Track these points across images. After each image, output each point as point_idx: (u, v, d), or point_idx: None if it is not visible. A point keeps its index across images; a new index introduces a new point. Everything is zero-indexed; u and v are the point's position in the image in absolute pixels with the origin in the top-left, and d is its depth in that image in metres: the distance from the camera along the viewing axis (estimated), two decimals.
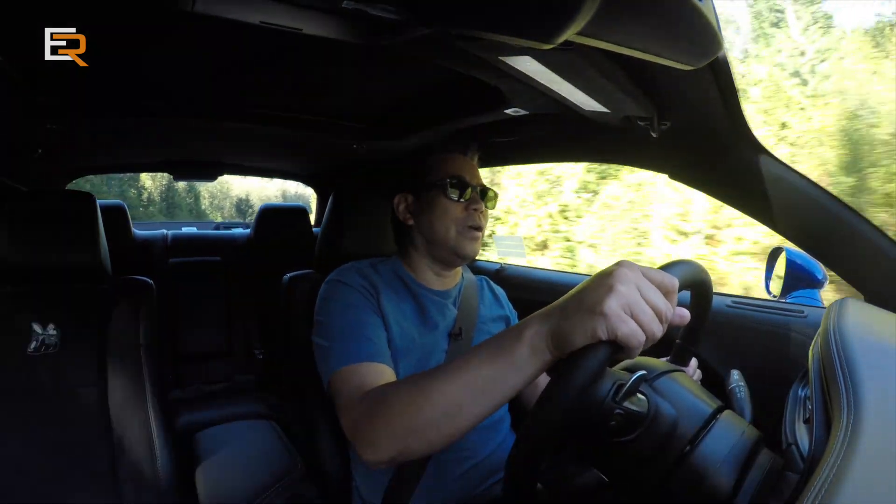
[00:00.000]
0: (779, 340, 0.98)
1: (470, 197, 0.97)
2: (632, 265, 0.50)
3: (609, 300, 0.47)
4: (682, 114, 0.84)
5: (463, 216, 0.97)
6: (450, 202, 0.97)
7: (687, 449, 0.55)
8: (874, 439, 0.39)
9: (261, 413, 1.79)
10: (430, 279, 1.01)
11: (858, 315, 0.66)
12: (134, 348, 1.11)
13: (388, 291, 0.93)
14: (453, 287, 1.04)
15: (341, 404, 0.74)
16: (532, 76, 0.74)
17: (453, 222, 0.97)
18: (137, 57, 1.00)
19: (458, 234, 0.97)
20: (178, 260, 2.22)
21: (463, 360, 0.57)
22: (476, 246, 0.98)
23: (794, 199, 0.83)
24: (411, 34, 0.62)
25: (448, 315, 0.98)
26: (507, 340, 0.54)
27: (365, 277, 0.94)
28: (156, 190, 17.64)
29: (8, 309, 1.08)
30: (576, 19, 0.42)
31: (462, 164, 1.01)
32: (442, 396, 0.57)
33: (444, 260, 0.99)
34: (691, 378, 0.62)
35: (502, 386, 0.53)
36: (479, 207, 0.97)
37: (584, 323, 0.47)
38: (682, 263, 0.58)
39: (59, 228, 1.10)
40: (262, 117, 1.36)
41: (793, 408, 0.70)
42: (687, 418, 0.55)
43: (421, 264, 1.01)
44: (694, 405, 0.56)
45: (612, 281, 0.48)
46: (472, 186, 0.98)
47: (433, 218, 0.98)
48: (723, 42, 0.57)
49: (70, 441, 1.04)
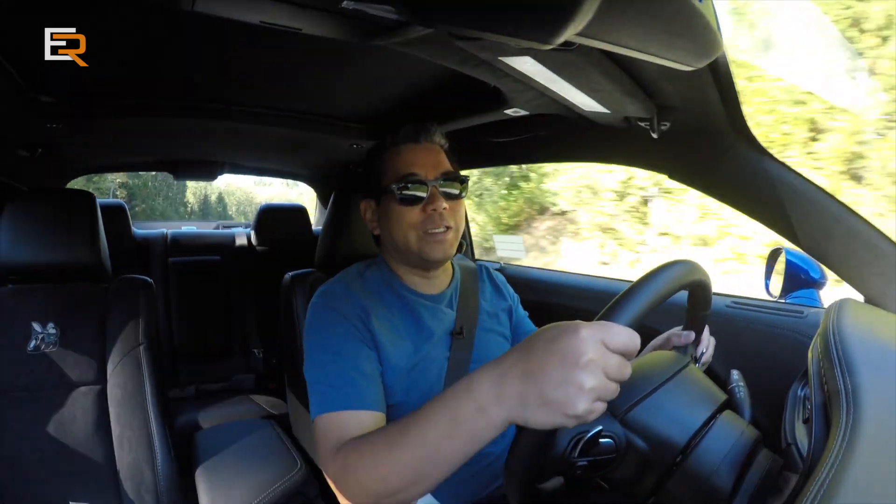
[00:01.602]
0: (778, 341, 0.98)
1: (427, 196, 0.87)
2: (591, 332, 0.46)
3: (577, 401, 0.44)
4: (681, 114, 0.84)
5: (421, 220, 0.87)
6: (403, 208, 0.87)
7: (679, 459, 0.55)
8: (873, 439, 0.39)
9: (261, 413, 1.79)
10: (418, 283, 0.95)
11: (857, 316, 0.66)
12: (133, 347, 1.11)
13: (378, 308, 0.87)
14: (447, 288, 0.98)
15: (321, 454, 0.74)
16: (532, 77, 0.74)
17: (411, 228, 0.87)
18: (137, 57, 1.00)
19: (419, 241, 0.88)
20: (178, 259, 2.22)
21: (421, 428, 0.55)
22: (444, 247, 0.88)
23: (794, 199, 0.83)
24: (411, 34, 0.62)
25: (445, 318, 0.94)
26: (463, 409, 0.51)
27: (351, 297, 0.86)
28: (196, 203, 24.91)
29: (8, 308, 1.08)
30: (576, 20, 0.42)
31: (414, 157, 0.90)
32: (406, 467, 0.56)
33: (418, 265, 0.92)
34: (691, 379, 0.61)
35: (463, 453, 0.53)
36: (438, 207, 0.86)
37: (547, 416, 0.45)
38: (674, 266, 0.58)
39: (59, 228, 1.10)
40: (262, 117, 1.36)
41: (792, 408, 0.70)
42: (660, 448, 0.54)
43: (402, 269, 0.95)
44: (674, 429, 0.55)
45: (576, 373, 0.44)
46: (427, 183, 0.87)
47: (391, 226, 0.90)
48: (722, 42, 0.57)
49: (70, 440, 1.04)
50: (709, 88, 0.74)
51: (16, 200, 1.09)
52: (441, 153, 0.94)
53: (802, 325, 0.97)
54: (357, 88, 1.22)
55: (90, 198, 1.16)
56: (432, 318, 0.93)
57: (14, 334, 1.06)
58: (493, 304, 1.02)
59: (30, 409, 1.03)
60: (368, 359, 0.82)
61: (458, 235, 0.92)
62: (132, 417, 1.07)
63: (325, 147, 1.77)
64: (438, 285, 0.97)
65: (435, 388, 0.89)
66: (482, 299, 1.01)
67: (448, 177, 0.90)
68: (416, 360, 0.88)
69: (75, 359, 1.08)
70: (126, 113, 1.28)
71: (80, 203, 1.14)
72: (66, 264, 1.11)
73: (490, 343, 0.97)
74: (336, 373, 0.79)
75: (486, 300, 1.02)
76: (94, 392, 1.08)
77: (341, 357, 0.80)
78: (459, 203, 0.92)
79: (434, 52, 0.69)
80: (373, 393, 0.79)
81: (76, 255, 1.11)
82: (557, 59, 0.65)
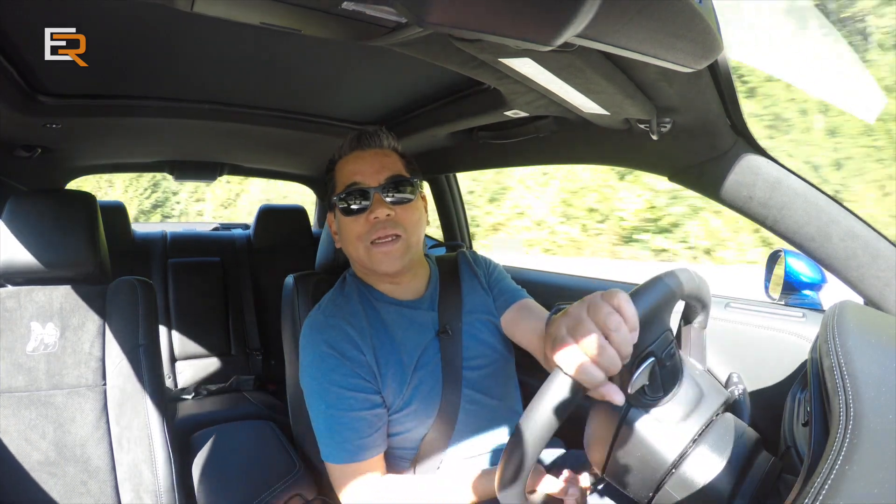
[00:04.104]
0: (777, 343, 0.98)
1: (371, 204, 0.84)
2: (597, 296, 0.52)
3: (560, 346, 0.50)
4: (681, 116, 0.84)
5: (366, 230, 0.85)
6: (349, 219, 0.86)
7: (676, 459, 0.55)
8: (872, 443, 0.39)
9: (260, 413, 1.79)
10: (393, 290, 0.94)
11: (857, 318, 0.66)
12: (133, 348, 1.11)
13: (364, 331, 0.87)
14: (426, 290, 0.97)
15: (335, 490, 0.85)
16: (531, 78, 0.74)
17: (358, 240, 0.86)
18: (137, 57, 1.00)
19: (366, 252, 0.86)
20: (178, 260, 2.22)
21: None
22: (393, 257, 0.85)
23: (794, 201, 0.83)
24: (411, 36, 0.62)
25: (429, 321, 0.94)
26: None
27: (339, 327, 0.86)
28: None
29: (7, 309, 1.08)
30: (576, 21, 0.41)
31: (357, 165, 0.88)
32: None
33: (379, 274, 0.90)
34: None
35: None
36: (381, 215, 0.84)
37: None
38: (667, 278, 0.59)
39: (59, 229, 1.10)
40: (263, 118, 1.36)
41: (791, 410, 0.70)
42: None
43: (373, 279, 0.93)
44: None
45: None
46: (369, 190, 0.85)
47: (343, 239, 0.89)
48: (723, 44, 0.57)
49: (69, 441, 1.03)
50: (709, 90, 0.74)
51: (16, 201, 1.09)
52: (389, 156, 0.91)
53: (802, 327, 0.97)
54: (357, 90, 1.22)
55: (90, 198, 1.16)
56: (417, 326, 0.92)
57: (13, 335, 1.06)
58: (474, 289, 1.01)
59: (29, 411, 1.03)
60: (364, 399, 0.84)
61: (410, 242, 0.88)
62: (131, 418, 1.07)
63: (325, 148, 1.76)
64: (415, 289, 0.96)
65: (435, 390, 0.90)
66: (464, 290, 0.99)
67: (394, 180, 0.87)
68: (412, 370, 0.89)
69: (75, 360, 1.08)
70: (126, 113, 1.28)
71: (80, 204, 1.14)
72: (66, 265, 1.11)
73: (477, 332, 0.97)
74: (335, 427, 0.83)
75: (468, 289, 1.00)
76: (94, 393, 1.08)
77: (337, 409, 0.83)
78: (410, 207, 0.88)
79: (434, 54, 0.69)
80: (370, 441, 0.83)
81: (76, 255, 1.11)
82: (557, 60, 0.65)
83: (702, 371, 0.65)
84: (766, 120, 5.88)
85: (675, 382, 0.59)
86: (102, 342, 1.11)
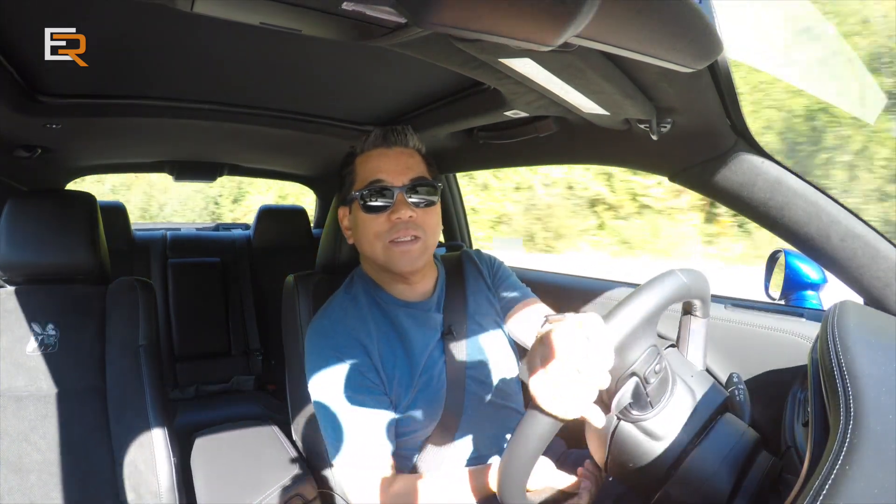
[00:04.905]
0: (778, 343, 0.98)
1: (394, 204, 0.84)
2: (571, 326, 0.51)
3: (534, 378, 0.51)
4: (681, 116, 0.84)
5: (386, 229, 0.84)
6: (368, 216, 0.85)
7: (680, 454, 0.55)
8: (872, 443, 0.39)
9: (260, 414, 1.79)
10: (403, 290, 0.93)
11: (857, 318, 0.66)
12: (133, 349, 1.11)
13: (372, 333, 0.87)
14: (433, 291, 0.97)
15: (346, 492, 0.86)
16: (532, 78, 0.74)
17: (377, 238, 0.85)
18: (137, 57, 1.00)
19: (384, 251, 0.85)
20: (178, 260, 2.22)
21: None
22: (411, 258, 0.85)
23: (793, 201, 0.83)
24: (411, 36, 0.62)
25: (436, 323, 0.93)
26: None
27: (346, 329, 0.86)
28: None
29: (7, 309, 1.08)
30: (576, 21, 0.41)
31: (381, 163, 0.87)
32: None
33: (393, 273, 0.89)
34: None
35: None
36: (403, 216, 0.83)
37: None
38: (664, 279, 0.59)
39: (59, 229, 1.10)
40: (263, 119, 1.36)
41: (792, 410, 0.70)
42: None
43: (383, 278, 0.92)
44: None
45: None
46: (393, 189, 0.84)
47: (359, 235, 0.88)
48: (723, 44, 0.57)
49: (69, 441, 1.03)
50: (709, 90, 0.74)
51: (16, 201, 1.09)
52: (414, 157, 0.90)
53: (802, 327, 0.97)
54: (357, 90, 1.22)
55: (90, 199, 1.16)
56: (424, 328, 0.92)
57: (13, 336, 1.06)
58: (479, 289, 1.01)
59: (29, 411, 1.03)
60: (373, 401, 0.84)
61: (428, 244, 0.88)
62: (132, 419, 1.07)
63: (325, 149, 1.77)
64: (423, 289, 0.96)
65: (439, 391, 0.90)
66: (468, 290, 0.99)
67: (418, 182, 0.86)
68: (418, 371, 0.89)
69: (75, 360, 1.08)
70: (126, 113, 1.28)
71: (80, 204, 1.13)
72: (66, 265, 1.11)
73: (481, 333, 0.97)
74: (344, 430, 0.82)
75: (472, 289, 1.00)
76: (94, 393, 1.08)
77: (344, 412, 0.83)
78: (431, 210, 0.88)
79: (434, 54, 0.69)
80: (379, 442, 0.83)
81: (76, 256, 1.11)
82: (557, 60, 0.65)
83: (699, 372, 0.64)
84: None
85: (664, 394, 0.59)
86: (103, 343, 1.11)
